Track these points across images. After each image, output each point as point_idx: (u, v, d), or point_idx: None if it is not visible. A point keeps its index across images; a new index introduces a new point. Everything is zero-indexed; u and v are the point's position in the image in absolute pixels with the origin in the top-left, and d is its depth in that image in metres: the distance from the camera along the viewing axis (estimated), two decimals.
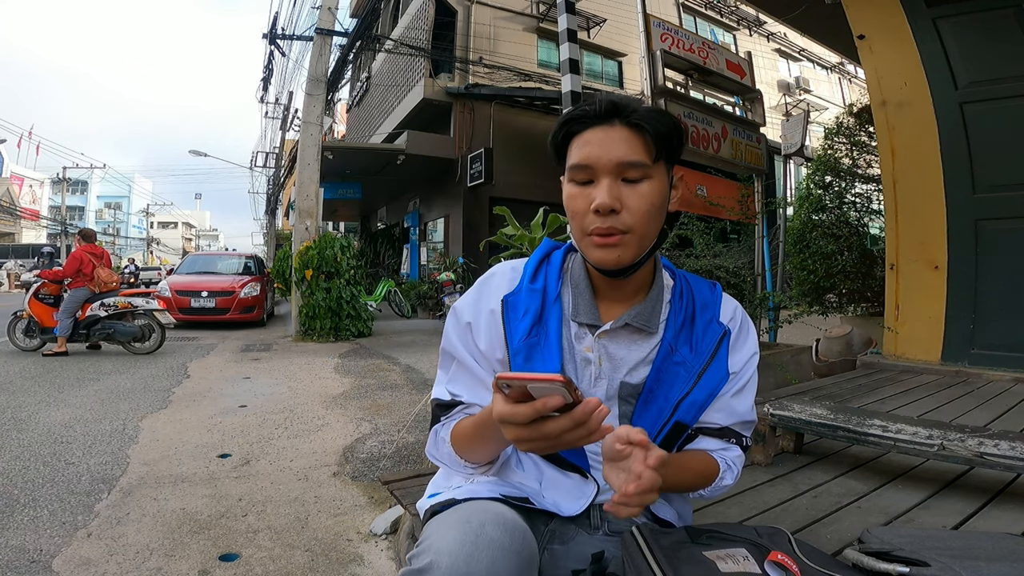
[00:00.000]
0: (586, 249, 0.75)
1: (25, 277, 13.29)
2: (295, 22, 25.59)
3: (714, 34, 14.65)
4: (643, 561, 0.60)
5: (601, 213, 0.70)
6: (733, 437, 0.83)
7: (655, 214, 0.73)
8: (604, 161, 0.70)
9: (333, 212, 17.72)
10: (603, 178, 0.71)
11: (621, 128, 0.71)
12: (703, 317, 0.81)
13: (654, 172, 0.72)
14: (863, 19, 3.48)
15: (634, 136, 0.71)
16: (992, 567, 0.73)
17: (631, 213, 0.71)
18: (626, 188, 0.71)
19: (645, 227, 0.72)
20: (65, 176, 29.68)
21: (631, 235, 0.72)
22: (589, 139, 0.72)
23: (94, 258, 5.77)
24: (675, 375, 0.77)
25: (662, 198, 0.74)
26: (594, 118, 0.72)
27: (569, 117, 0.74)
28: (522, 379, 0.53)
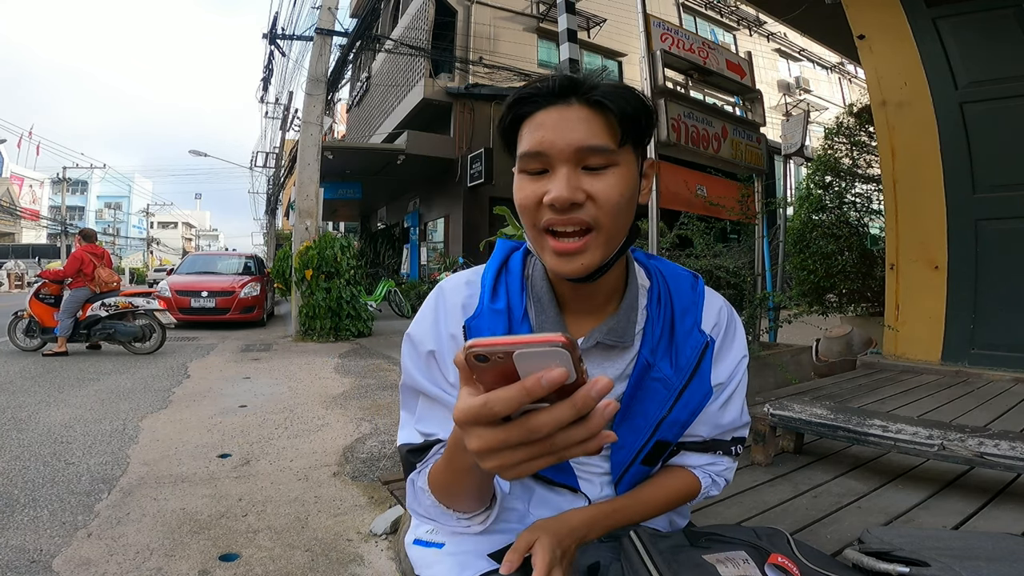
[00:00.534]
0: (544, 255, 0.64)
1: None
2: (295, 22, 25.62)
3: (714, 34, 14.65)
4: (642, 566, 0.60)
5: (558, 208, 0.59)
6: (720, 449, 0.76)
7: (624, 208, 0.61)
8: (560, 146, 0.59)
9: (333, 212, 17.72)
10: (560, 167, 0.59)
11: (579, 107, 0.59)
12: (683, 325, 0.71)
13: (620, 158, 0.60)
14: (863, 19, 3.48)
15: (595, 116, 0.59)
16: (992, 567, 0.73)
17: (597, 206, 0.59)
18: (588, 178, 0.59)
19: (613, 223, 0.61)
20: (65, 176, 29.69)
21: (597, 234, 0.60)
22: (542, 121, 0.60)
23: (95, 258, 5.78)
24: (653, 392, 0.68)
25: (631, 189, 0.62)
26: (547, 96, 0.60)
27: (517, 97, 0.62)
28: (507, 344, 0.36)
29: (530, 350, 0.36)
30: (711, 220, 3.83)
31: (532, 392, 0.36)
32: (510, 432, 0.38)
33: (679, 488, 0.74)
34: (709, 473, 0.76)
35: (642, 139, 0.63)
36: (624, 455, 0.69)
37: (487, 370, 0.38)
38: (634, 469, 0.70)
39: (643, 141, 0.64)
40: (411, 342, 0.71)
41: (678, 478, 0.75)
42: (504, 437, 0.38)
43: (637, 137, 0.62)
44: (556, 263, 0.62)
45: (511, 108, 0.62)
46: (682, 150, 3.48)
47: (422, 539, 0.75)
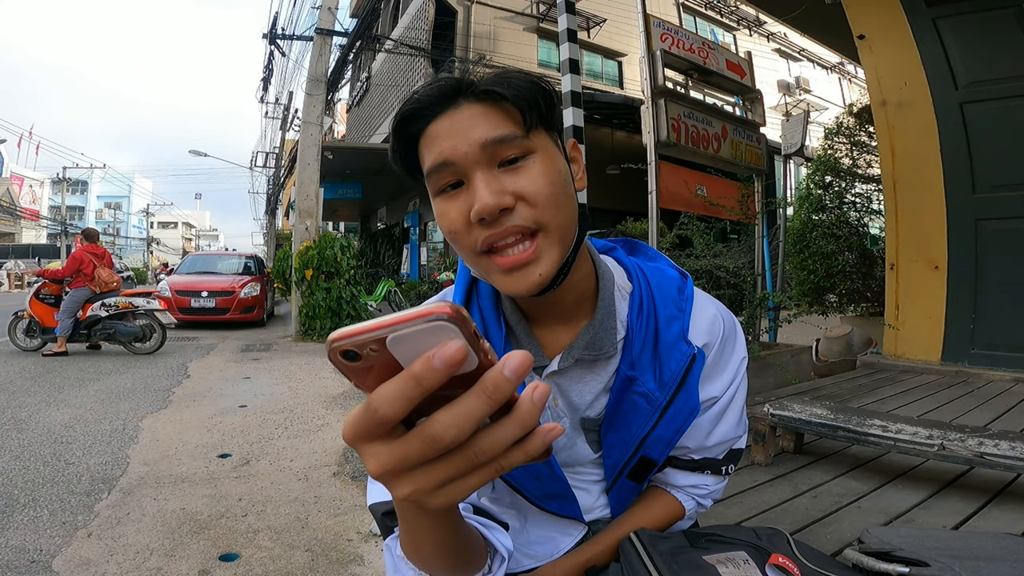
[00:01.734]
0: (492, 279, 0.56)
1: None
2: (295, 22, 25.59)
3: (714, 34, 14.66)
4: (642, 568, 0.60)
5: (488, 221, 0.51)
6: (709, 468, 0.70)
7: (562, 196, 0.53)
8: (463, 149, 0.51)
9: (333, 212, 17.72)
10: (473, 172, 0.52)
11: (469, 105, 0.53)
12: (668, 334, 0.63)
13: (536, 144, 0.54)
14: (863, 19, 3.48)
15: (490, 109, 0.53)
16: (992, 567, 0.73)
17: (530, 205, 0.52)
18: (509, 176, 0.52)
19: (557, 218, 0.53)
20: (65, 176, 29.69)
21: (545, 235, 0.53)
22: (436, 132, 0.53)
23: (95, 258, 5.78)
24: (635, 406, 0.63)
25: (561, 175, 0.54)
26: (432, 105, 0.53)
27: (401, 117, 0.54)
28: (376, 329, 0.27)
29: (406, 330, 0.26)
30: (711, 220, 3.83)
31: (423, 378, 0.26)
32: (410, 443, 0.28)
33: (661, 516, 0.70)
34: (693, 496, 0.72)
35: (551, 121, 0.56)
36: (612, 467, 0.67)
37: (364, 371, 0.28)
38: (620, 482, 0.68)
39: (554, 123, 0.57)
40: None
41: (661, 504, 0.71)
42: (404, 451, 0.28)
43: (545, 119, 0.55)
44: (508, 282, 0.54)
45: (398, 130, 0.55)
46: (682, 150, 3.49)
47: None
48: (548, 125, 0.56)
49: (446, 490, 0.30)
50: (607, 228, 5.72)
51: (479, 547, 0.51)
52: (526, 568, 0.68)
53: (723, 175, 4.07)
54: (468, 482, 0.30)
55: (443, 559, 0.47)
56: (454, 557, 0.47)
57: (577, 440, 0.67)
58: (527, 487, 0.64)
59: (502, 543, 0.55)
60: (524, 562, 0.68)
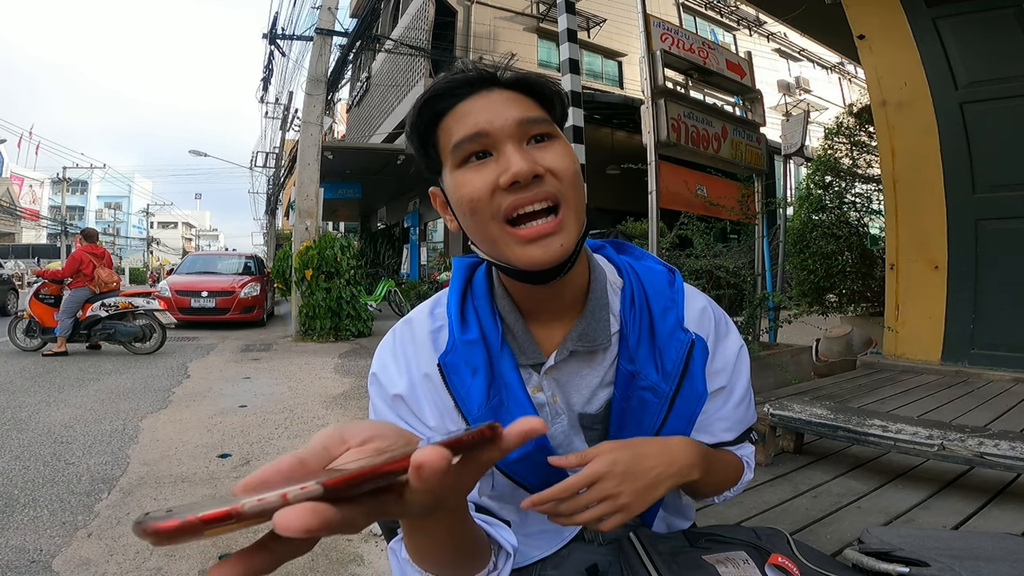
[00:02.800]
0: (510, 251, 0.55)
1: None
2: (295, 22, 25.58)
3: (714, 34, 14.66)
4: (642, 568, 0.60)
5: (523, 183, 0.53)
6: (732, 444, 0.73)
7: (579, 180, 0.57)
8: (499, 123, 0.54)
9: (333, 212, 17.72)
10: (504, 144, 0.54)
11: (501, 91, 0.56)
12: (664, 324, 0.64)
13: (557, 131, 0.58)
14: (863, 19, 3.48)
15: (520, 96, 0.57)
16: (992, 567, 0.73)
17: (557, 178, 0.54)
18: (537, 151, 0.55)
19: (577, 196, 0.56)
20: (65, 176, 29.70)
21: (566, 209, 0.55)
22: (468, 109, 0.55)
23: (95, 258, 5.78)
24: (644, 402, 0.63)
25: (577, 164, 0.58)
26: (464, 87, 0.56)
27: (433, 94, 0.57)
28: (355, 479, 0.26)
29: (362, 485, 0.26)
30: (711, 220, 3.83)
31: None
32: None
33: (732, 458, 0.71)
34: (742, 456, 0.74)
35: (562, 123, 0.61)
36: None
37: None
38: None
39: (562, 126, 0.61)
40: (378, 384, 0.64)
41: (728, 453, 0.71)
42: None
43: (561, 121, 0.60)
44: (530, 252, 0.54)
45: (429, 104, 0.57)
46: (682, 150, 3.48)
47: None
48: (560, 126, 0.60)
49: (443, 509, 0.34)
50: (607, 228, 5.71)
51: (484, 544, 0.52)
52: (532, 560, 0.67)
53: (723, 175, 4.07)
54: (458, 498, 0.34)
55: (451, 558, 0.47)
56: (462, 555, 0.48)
57: (574, 439, 0.66)
58: (527, 479, 0.63)
59: (506, 539, 0.56)
60: (531, 554, 0.67)
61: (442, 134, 0.57)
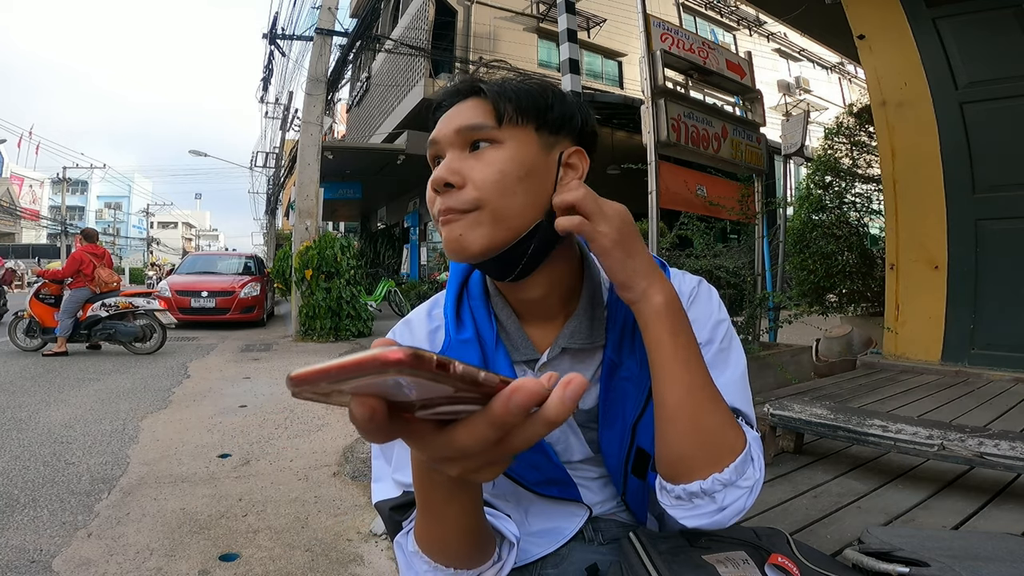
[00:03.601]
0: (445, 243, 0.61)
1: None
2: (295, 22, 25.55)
3: (714, 34, 14.66)
4: (642, 568, 0.60)
5: (439, 191, 0.58)
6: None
7: (513, 186, 0.56)
8: (444, 132, 0.59)
9: (333, 212, 17.72)
10: (446, 151, 0.59)
11: (470, 100, 0.60)
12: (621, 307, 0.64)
13: (504, 136, 0.57)
14: (863, 19, 3.48)
15: (481, 102, 0.59)
16: (992, 567, 0.73)
17: (475, 185, 0.56)
18: (470, 159, 0.58)
19: (500, 202, 0.56)
20: (65, 176, 29.69)
21: (480, 212, 0.56)
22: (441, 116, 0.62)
23: (95, 258, 5.78)
24: (624, 393, 0.63)
25: (519, 168, 0.57)
26: (449, 98, 0.62)
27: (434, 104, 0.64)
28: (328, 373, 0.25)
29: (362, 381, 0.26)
30: (711, 220, 3.83)
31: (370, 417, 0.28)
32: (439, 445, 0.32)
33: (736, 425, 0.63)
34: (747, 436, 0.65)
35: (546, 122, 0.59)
36: (616, 465, 0.65)
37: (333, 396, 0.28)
38: (631, 483, 0.66)
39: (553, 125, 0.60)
40: None
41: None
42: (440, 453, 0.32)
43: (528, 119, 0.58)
44: (445, 244, 0.58)
45: (432, 114, 0.63)
46: (682, 150, 3.48)
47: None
48: (539, 124, 0.59)
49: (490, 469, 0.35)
50: None
51: (490, 535, 0.54)
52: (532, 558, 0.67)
53: (723, 175, 4.07)
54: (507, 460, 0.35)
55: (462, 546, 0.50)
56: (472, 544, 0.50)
57: (571, 437, 0.66)
58: (525, 477, 0.64)
59: (509, 530, 0.57)
60: (532, 551, 0.67)
61: None
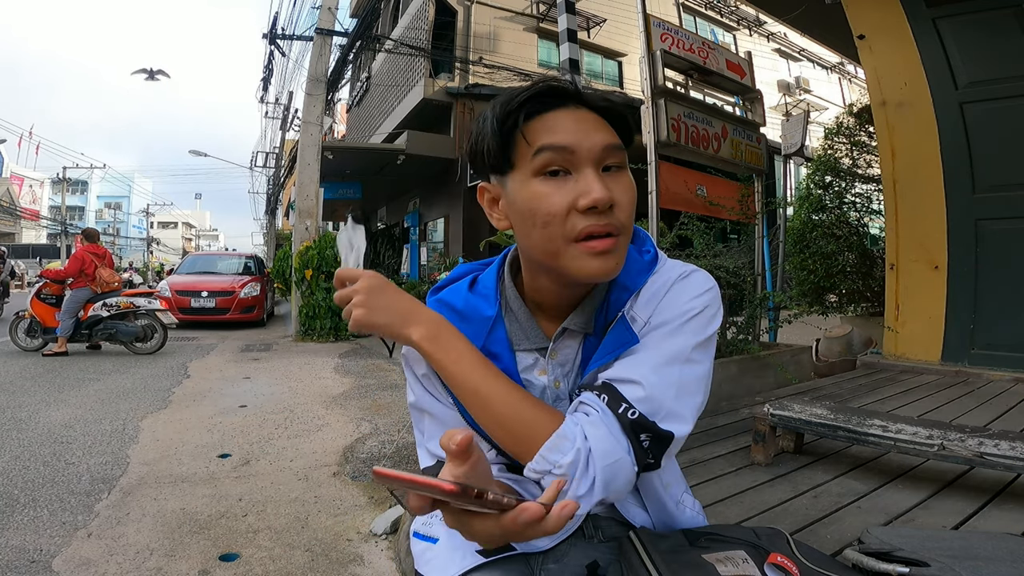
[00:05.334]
0: (573, 261, 0.58)
1: None
2: (295, 22, 25.60)
3: (714, 34, 14.65)
4: (641, 567, 0.60)
5: (600, 210, 0.56)
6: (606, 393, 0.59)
7: (634, 211, 0.61)
8: (587, 145, 0.57)
9: (333, 212, 17.71)
10: (585, 167, 0.57)
11: (588, 111, 0.59)
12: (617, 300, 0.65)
13: (627, 163, 0.62)
14: (863, 19, 3.48)
15: (604, 121, 0.60)
16: (992, 567, 0.73)
17: (622, 208, 0.58)
18: (611, 180, 0.58)
19: (629, 224, 0.60)
20: (65, 176, 29.68)
21: (623, 238, 0.59)
22: (558, 121, 0.58)
23: (96, 258, 5.78)
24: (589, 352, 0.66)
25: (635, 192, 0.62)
26: (554, 97, 0.59)
27: (528, 95, 0.58)
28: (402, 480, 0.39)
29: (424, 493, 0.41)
30: (711, 220, 3.83)
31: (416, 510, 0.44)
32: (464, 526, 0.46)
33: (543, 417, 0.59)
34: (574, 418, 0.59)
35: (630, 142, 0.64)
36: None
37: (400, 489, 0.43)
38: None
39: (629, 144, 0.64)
40: (408, 364, 0.70)
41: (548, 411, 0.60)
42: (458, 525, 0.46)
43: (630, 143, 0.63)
44: (598, 263, 0.57)
45: (523, 105, 0.58)
46: (682, 150, 3.48)
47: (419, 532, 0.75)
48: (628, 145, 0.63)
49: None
50: None
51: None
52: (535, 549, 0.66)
53: (723, 175, 4.07)
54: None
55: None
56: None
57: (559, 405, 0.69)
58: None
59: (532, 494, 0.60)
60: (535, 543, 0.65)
61: (522, 137, 0.58)
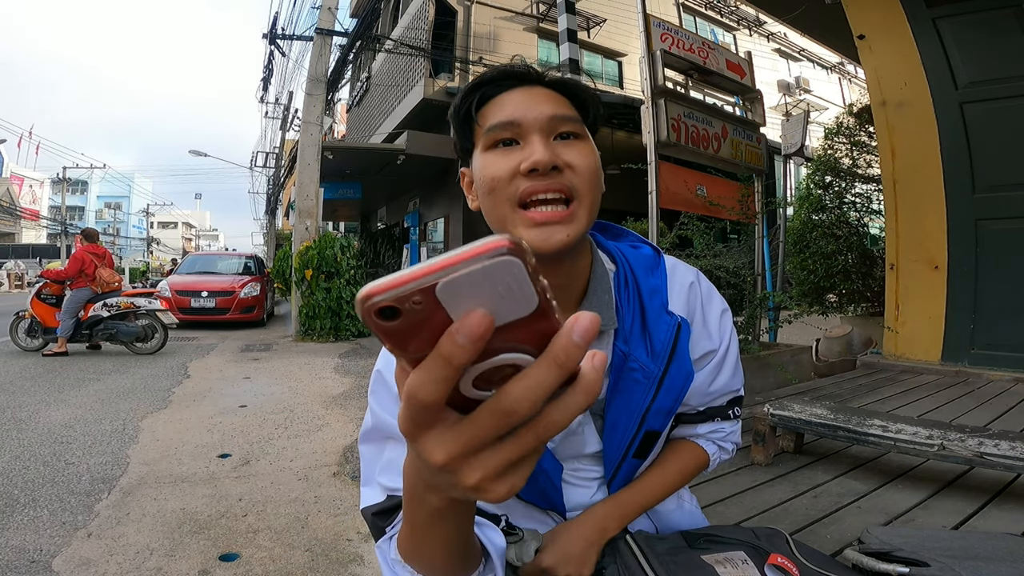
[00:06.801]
0: (515, 229, 0.58)
1: None
2: (295, 22, 25.62)
3: (714, 34, 14.65)
4: (639, 569, 0.60)
5: (540, 171, 0.56)
6: (718, 415, 0.74)
7: (597, 180, 0.61)
8: (533, 115, 0.58)
9: (333, 212, 17.70)
10: (532, 135, 0.58)
11: (541, 88, 0.61)
12: (652, 306, 0.67)
13: (584, 133, 0.62)
14: (863, 19, 3.48)
15: (558, 96, 0.61)
16: (992, 567, 0.73)
17: (575, 173, 0.58)
18: (561, 147, 0.59)
19: (592, 194, 0.59)
20: (65, 176, 29.67)
21: (579, 203, 0.58)
22: (508, 99, 0.60)
23: (96, 258, 5.78)
24: (634, 383, 0.65)
25: (599, 166, 0.62)
26: (509, 79, 0.61)
27: (480, 81, 0.62)
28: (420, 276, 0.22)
29: (459, 273, 0.22)
30: (711, 220, 3.83)
31: (452, 357, 0.23)
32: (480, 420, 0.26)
33: (687, 462, 0.73)
34: (713, 440, 0.75)
35: (595, 128, 0.65)
36: (614, 452, 0.67)
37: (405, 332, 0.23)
38: (626, 465, 0.68)
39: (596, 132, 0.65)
40: (383, 379, 0.62)
41: (683, 452, 0.74)
42: (474, 430, 0.26)
43: (594, 126, 0.64)
44: (535, 235, 0.56)
45: (476, 89, 0.61)
46: (682, 150, 3.48)
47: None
48: (593, 131, 0.64)
49: (510, 478, 0.28)
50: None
51: (476, 547, 0.51)
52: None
53: (723, 175, 4.07)
54: (527, 465, 0.28)
55: (448, 562, 0.45)
56: (457, 560, 0.46)
57: (585, 426, 0.67)
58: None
59: (493, 541, 0.54)
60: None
61: (480, 119, 0.61)
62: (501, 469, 0.27)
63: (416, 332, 0.23)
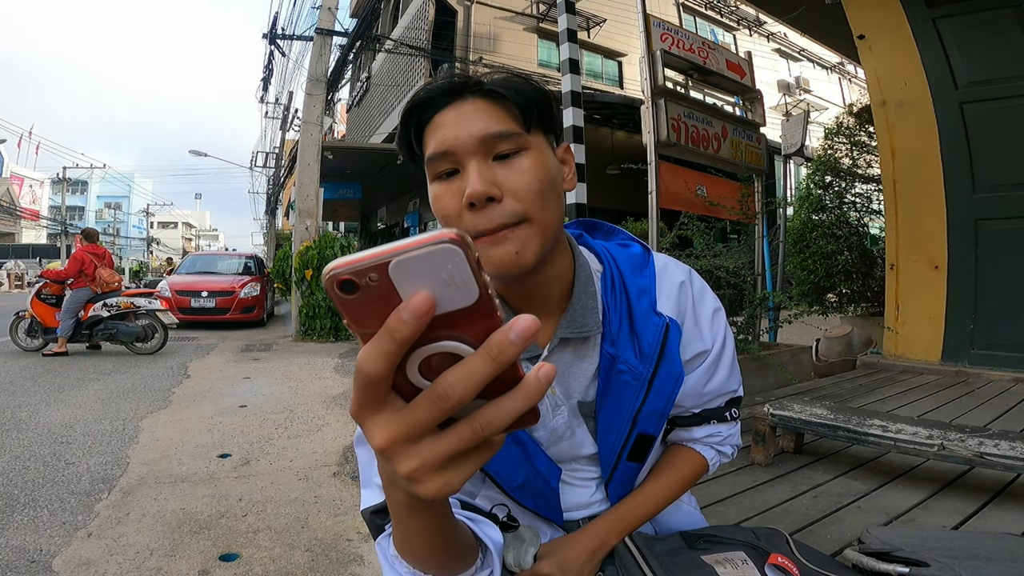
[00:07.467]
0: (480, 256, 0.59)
1: None
2: (295, 22, 25.63)
3: (714, 34, 14.65)
4: (638, 570, 0.60)
5: (477, 206, 0.54)
6: (714, 418, 0.73)
7: (548, 193, 0.57)
8: (463, 139, 0.55)
9: (333, 212, 17.71)
10: (468, 161, 0.56)
11: (474, 100, 0.57)
12: (640, 307, 0.65)
13: (531, 143, 0.58)
14: (863, 19, 3.48)
15: (493, 106, 0.57)
16: (992, 567, 0.73)
17: (517, 197, 0.55)
18: (501, 168, 0.56)
19: (542, 212, 0.56)
20: (65, 176, 29.68)
21: (528, 226, 0.56)
22: (441, 122, 0.57)
23: (96, 258, 5.78)
24: (623, 385, 0.64)
25: (550, 173, 0.58)
26: (441, 96, 0.58)
27: (411, 105, 0.59)
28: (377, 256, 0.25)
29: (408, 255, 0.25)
30: (711, 220, 3.83)
31: (395, 331, 0.25)
32: (418, 405, 0.28)
33: (684, 470, 0.72)
34: (711, 445, 0.74)
35: (550, 125, 0.61)
36: (609, 454, 0.67)
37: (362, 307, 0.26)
38: (621, 467, 0.68)
39: (552, 127, 0.62)
40: None
41: (680, 459, 0.74)
42: (413, 415, 0.28)
43: (544, 122, 0.60)
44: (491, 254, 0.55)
45: (410, 115, 0.59)
46: (682, 150, 3.49)
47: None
48: (545, 128, 0.60)
49: (446, 474, 0.29)
50: None
51: (470, 543, 0.51)
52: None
53: (723, 175, 4.07)
54: (467, 465, 0.30)
55: (436, 556, 0.47)
56: (446, 555, 0.47)
57: (577, 429, 0.67)
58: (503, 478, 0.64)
59: (490, 536, 0.55)
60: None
61: (425, 145, 0.59)
62: (438, 462, 0.29)
63: (371, 309, 0.26)
